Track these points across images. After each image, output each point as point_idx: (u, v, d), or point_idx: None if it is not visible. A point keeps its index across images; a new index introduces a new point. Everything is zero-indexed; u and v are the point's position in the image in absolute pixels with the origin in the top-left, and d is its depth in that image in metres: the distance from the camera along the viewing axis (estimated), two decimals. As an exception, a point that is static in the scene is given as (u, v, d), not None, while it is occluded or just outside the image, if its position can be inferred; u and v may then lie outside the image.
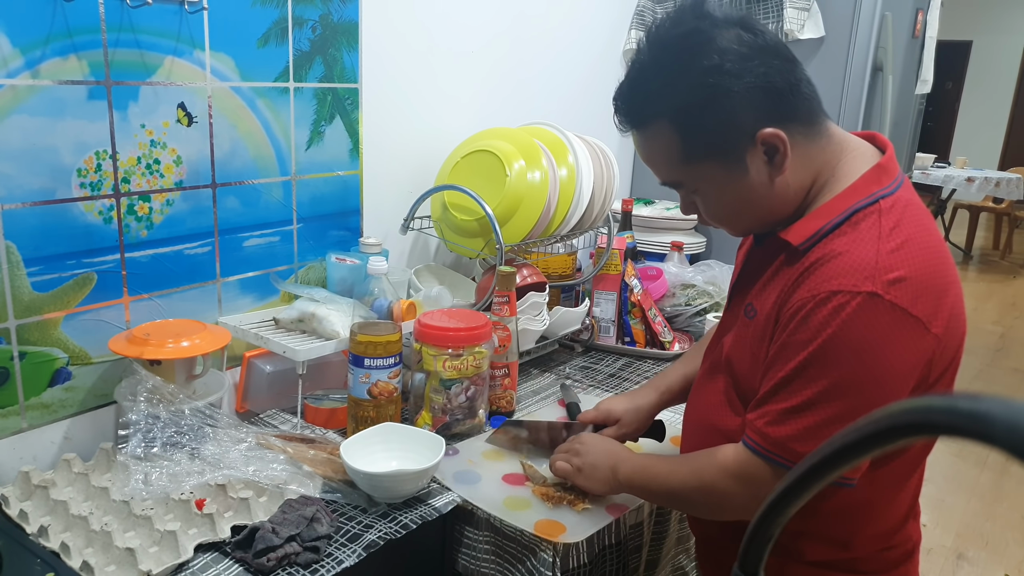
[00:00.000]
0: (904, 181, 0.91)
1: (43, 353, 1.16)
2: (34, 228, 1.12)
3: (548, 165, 1.59)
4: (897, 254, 0.83)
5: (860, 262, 0.83)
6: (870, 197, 0.88)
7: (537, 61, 2.02)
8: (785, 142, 0.88)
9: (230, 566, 0.95)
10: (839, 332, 0.82)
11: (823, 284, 0.84)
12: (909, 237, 0.85)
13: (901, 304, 0.81)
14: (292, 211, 1.47)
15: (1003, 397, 0.35)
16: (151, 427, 1.09)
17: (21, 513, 1.03)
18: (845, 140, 0.94)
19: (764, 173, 0.90)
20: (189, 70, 1.26)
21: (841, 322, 0.81)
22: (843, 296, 0.81)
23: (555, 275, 1.89)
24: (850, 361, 0.82)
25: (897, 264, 0.82)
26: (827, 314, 0.82)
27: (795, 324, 0.86)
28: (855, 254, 0.84)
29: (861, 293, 0.81)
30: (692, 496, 1.00)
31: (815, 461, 0.45)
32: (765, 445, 0.89)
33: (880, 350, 0.81)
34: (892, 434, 0.40)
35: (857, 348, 0.82)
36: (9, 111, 1.07)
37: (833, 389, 0.83)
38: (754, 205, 0.93)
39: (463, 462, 1.23)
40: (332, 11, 1.46)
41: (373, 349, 1.23)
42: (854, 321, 0.81)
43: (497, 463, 1.24)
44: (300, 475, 1.11)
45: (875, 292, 0.81)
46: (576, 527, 1.08)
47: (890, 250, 0.83)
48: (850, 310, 0.81)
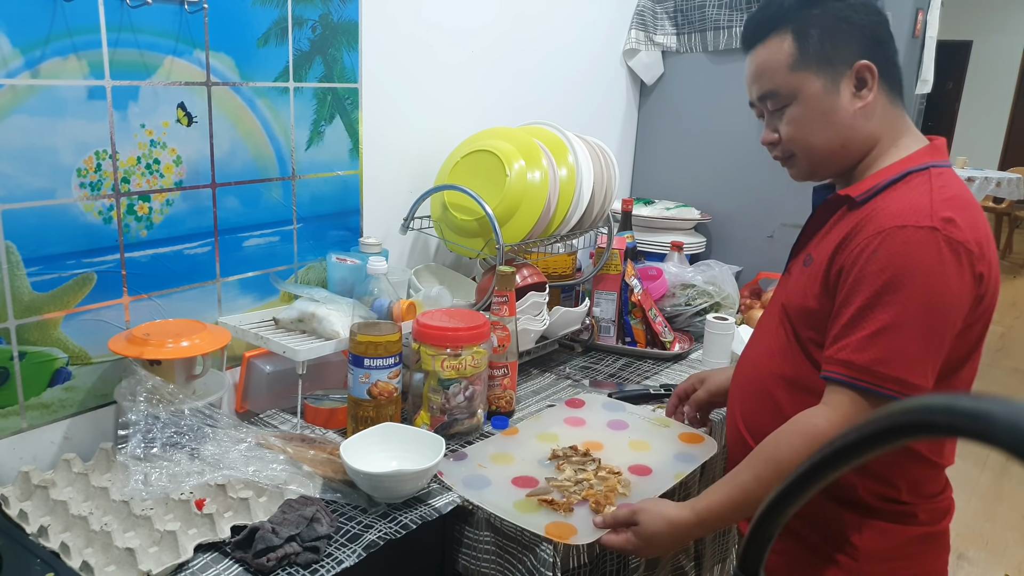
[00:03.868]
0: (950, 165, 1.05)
1: (43, 353, 1.16)
2: (34, 228, 1.12)
3: (548, 165, 1.59)
4: (948, 202, 0.95)
5: (917, 205, 0.95)
6: (923, 164, 1.02)
7: (537, 61, 2.02)
8: (875, 75, 1.03)
9: (230, 566, 0.95)
10: (910, 260, 0.92)
11: (889, 221, 0.95)
12: (957, 194, 0.98)
13: (957, 237, 0.93)
14: (292, 211, 1.47)
15: (1003, 397, 0.35)
16: (151, 427, 1.09)
17: (21, 513, 1.03)
18: (911, 125, 1.09)
19: (850, 101, 1.04)
20: (189, 70, 1.26)
21: (905, 253, 0.93)
22: (909, 231, 0.93)
23: (555, 275, 1.89)
24: (921, 285, 0.92)
25: (948, 209, 0.94)
26: (893, 245, 0.93)
27: (865, 258, 0.96)
28: (911, 199, 0.97)
29: (924, 227, 0.93)
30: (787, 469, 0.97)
31: (816, 461, 0.45)
32: (851, 373, 0.95)
33: (943, 275, 0.92)
34: (892, 434, 0.40)
35: (926, 272, 0.92)
36: (9, 111, 1.07)
37: (907, 311, 0.93)
38: (834, 129, 1.05)
39: (472, 467, 1.22)
40: (332, 11, 1.46)
41: (373, 349, 1.23)
42: (922, 249, 0.92)
43: (506, 466, 1.23)
44: (300, 475, 1.11)
45: (935, 227, 0.93)
46: (587, 529, 1.07)
47: (942, 199, 0.95)
48: (915, 240, 0.93)
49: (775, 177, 2.21)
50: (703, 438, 1.35)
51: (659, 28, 2.32)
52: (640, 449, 1.31)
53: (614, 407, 1.47)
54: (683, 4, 2.26)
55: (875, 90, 1.04)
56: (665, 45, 2.32)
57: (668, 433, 1.37)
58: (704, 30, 2.25)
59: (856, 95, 1.05)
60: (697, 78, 2.33)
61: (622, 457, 1.28)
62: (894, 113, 1.07)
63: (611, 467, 1.23)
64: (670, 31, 2.31)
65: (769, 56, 1.07)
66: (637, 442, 1.33)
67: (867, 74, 1.04)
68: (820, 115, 1.06)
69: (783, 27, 1.06)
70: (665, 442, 1.34)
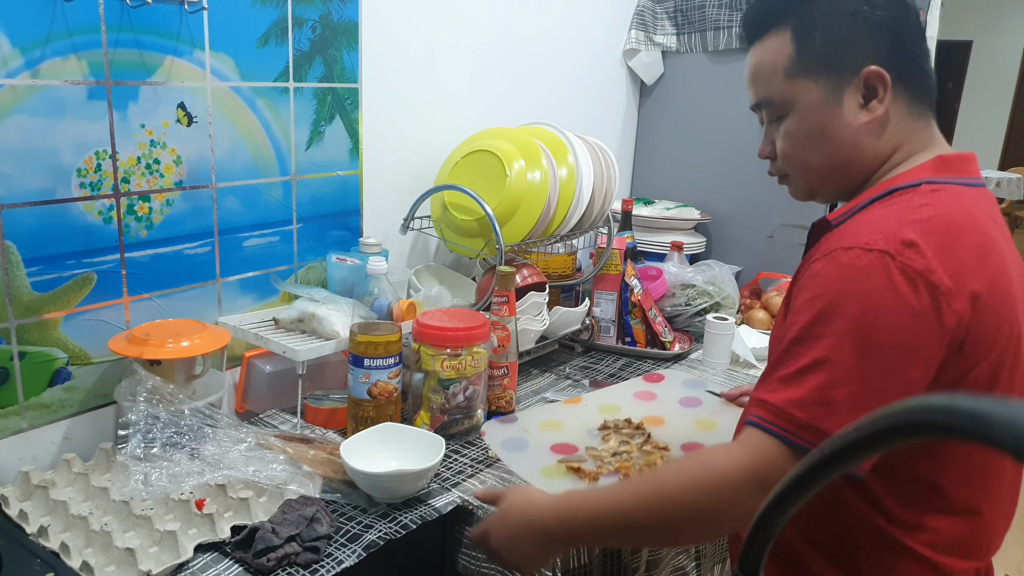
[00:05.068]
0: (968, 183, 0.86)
1: (43, 353, 1.16)
2: (34, 228, 1.12)
3: (548, 165, 1.59)
4: (921, 224, 0.79)
5: (879, 224, 0.80)
6: (915, 180, 0.85)
7: (537, 60, 2.02)
8: (887, 85, 0.86)
9: (230, 566, 0.95)
10: (848, 286, 0.77)
11: (836, 242, 0.81)
12: (941, 215, 0.80)
13: (915, 266, 0.75)
14: (292, 211, 1.47)
15: (1003, 397, 0.35)
16: (151, 427, 1.09)
17: (21, 513, 1.03)
18: (939, 141, 0.91)
19: (855, 114, 0.88)
20: (189, 70, 1.26)
21: (853, 275, 0.77)
22: (856, 252, 0.78)
23: (555, 275, 1.89)
24: (857, 316, 0.76)
25: (917, 231, 0.78)
26: (839, 269, 0.78)
27: (805, 283, 0.82)
28: (875, 218, 0.82)
29: (873, 251, 0.77)
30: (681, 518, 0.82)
31: (817, 460, 0.45)
32: (761, 413, 0.79)
33: (888, 307, 0.75)
34: (892, 434, 0.40)
35: (866, 302, 0.76)
36: (9, 111, 1.07)
37: (838, 347, 0.76)
38: (833, 147, 0.90)
39: (518, 430, 1.23)
40: (332, 11, 1.46)
41: (373, 349, 1.23)
42: (866, 275, 0.76)
43: (552, 432, 1.22)
44: (300, 475, 1.11)
45: (887, 251, 0.76)
46: None
47: (914, 219, 0.79)
48: (860, 265, 0.77)
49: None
50: None
51: (659, 28, 2.32)
52: (706, 428, 1.27)
53: (694, 385, 1.41)
54: (683, 4, 2.26)
55: (887, 101, 0.87)
56: (665, 45, 2.32)
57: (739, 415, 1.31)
58: (704, 30, 2.25)
59: (864, 107, 0.88)
60: (697, 78, 2.33)
61: (681, 434, 1.22)
62: (915, 126, 0.89)
63: (659, 442, 1.20)
64: (670, 31, 2.31)
65: (765, 57, 0.92)
66: (705, 420, 1.29)
67: (878, 82, 0.86)
68: (818, 130, 0.90)
69: (783, 23, 0.90)
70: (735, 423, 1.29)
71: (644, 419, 1.29)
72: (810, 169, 0.94)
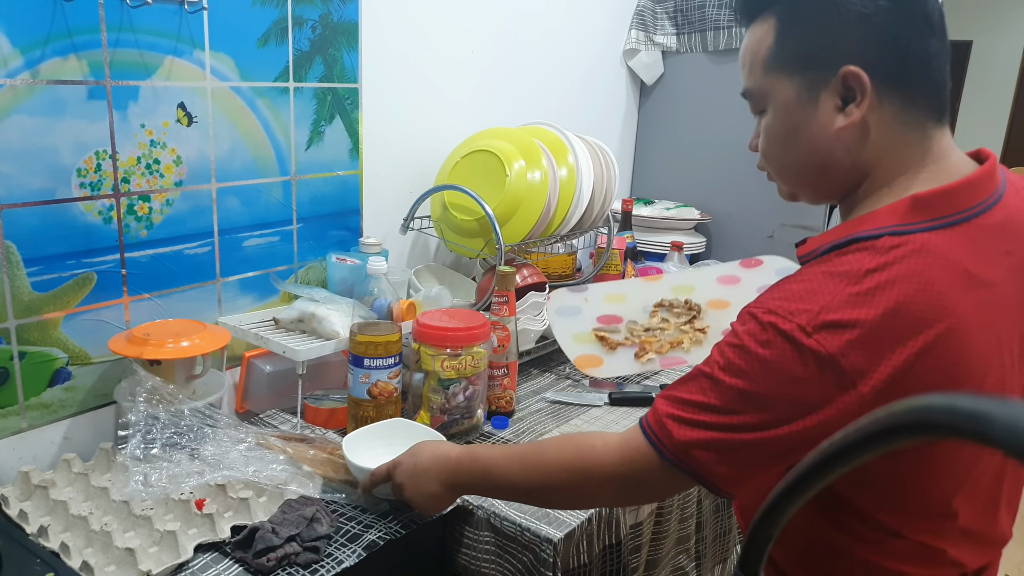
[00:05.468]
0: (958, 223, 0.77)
1: (43, 353, 1.16)
2: (34, 228, 1.12)
3: (548, 165, 1.59)
4: (856, 298, 0.72)
5: (809, 293, 0.75)
6: (876, 231, 0.76)
7: (537, 61, 2.02)
8: (867, 90, 0.78)
9: (230, 566, 0.95)
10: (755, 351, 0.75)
11: (766, 302, 0.77)
12: (885, 282, 0.72)
13: (828, 348, 0.71)
14: (292, 211, 1.47)
15: (1003, 397, 0.35)
16: (151, 427, 1.09)
17: (21, 513, 1.03)
18: (941, 156, 0.81)
19: (830, 118, 0.80)
20: (189, 70, 1.26)
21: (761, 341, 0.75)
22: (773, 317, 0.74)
23: (555, 275, 1.89)
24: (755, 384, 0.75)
25: (847, 307, 0.72)
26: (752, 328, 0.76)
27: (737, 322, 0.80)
28: (812, 284, 0.75)
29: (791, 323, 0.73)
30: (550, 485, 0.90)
31: (816, 460, 0.45)
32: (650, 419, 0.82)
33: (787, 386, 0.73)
34: (892, 434, 0.40)
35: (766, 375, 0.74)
36: (9, 111, 1.07)
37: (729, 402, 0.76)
38: (806, 150, 0.83)
39: (579, 299, 1.29)
40: (332, 11, 1.46)
41: (373, 349, 1.23)
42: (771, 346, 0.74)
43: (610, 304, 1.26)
44: (300, 475, 1.11)
45: (804, 327, 0.72)
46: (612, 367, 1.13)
47: (850, 293, 0.72)
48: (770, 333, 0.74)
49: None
50: None
51: (659, 28, 2.32)
52: None
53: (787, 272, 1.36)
54: (683, 4, 2.26)
55: (865, 106, 0.78)
56: (665, 45, 2.33)
57: None
58: (704, 30, 2.25)
59: (840, 111, 0.80)
60: (697, 78, 2.33)
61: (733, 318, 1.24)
62: (906, 138, 0.80)
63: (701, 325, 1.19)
64: (670, 31, 2.31)
65: (749, 44, 0.86)
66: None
67: (855, 84, 0.78)
68: (792, 131, 0.83)
69: (770, 10, 0.83)
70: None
71: (710, 302, 1.26)
72: (786, 169, 0.88)
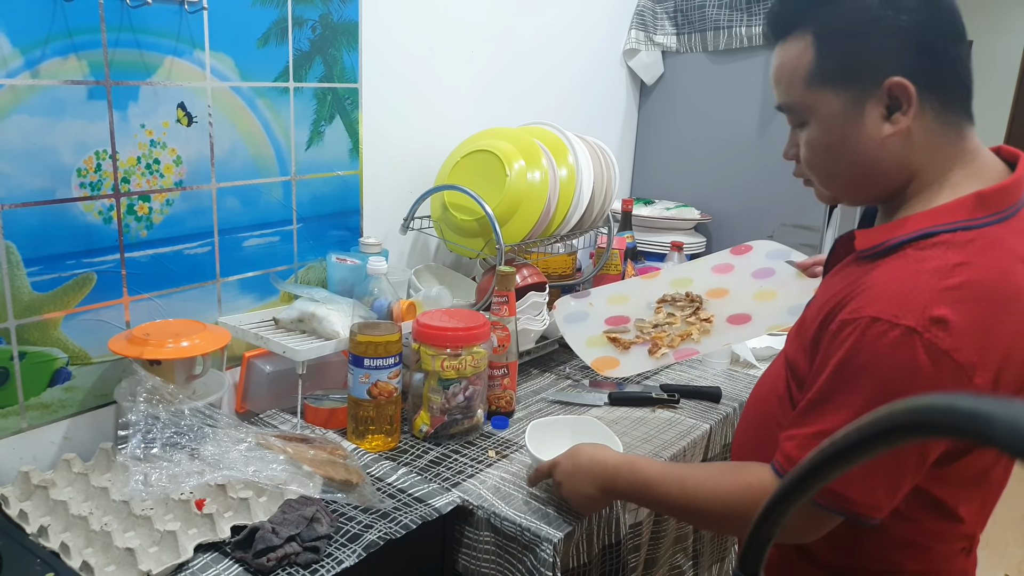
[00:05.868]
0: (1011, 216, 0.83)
1: (43, 353, 1.16)
2: (34, 228, 1.12)
3: (548, 165, 1.59)
4: (951, 292, 0.77)
5: (908, 292, 0.79)
6: (949, 225, 0.82)
7: (537, 61, 2.02)
8: (912, 98, 0.82)
9: (230, 566, 0.95)
10: (869, 362, 0.79)
11: (865, 308, 0.80)
12: (973, 278, 0.78)
13: (941, 346, 0.76)
14: (292, 211, 1.47)
15: (1003, 397, 0.35)
16: (151, 427, 1.08)
17: (21, 513, 1.03)
18: (975, 153, 0.87)
19: (877, 127, 0.85)
20: (189, 70, 1.26)
21: (873, 352, 0.79)
22: (882, 325, 0.78)
23: (555, 275, 1.89)
24: (876, 393, 0.78)
25: (946, 302, 0.77)
26: (860, 340, 0.80)
27: (834, 344, 0.83)
28: (906, 282, 0.80)
29: (900, 326, 0.77)
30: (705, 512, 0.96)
31: (816, 461, 0.45)
32: (781, 460, 0.87)
33: (908, 387, 0.77)
34: (892, 434, 0.40)
35: (885, 380, 0.78)
36: (9, 111, 1.07)
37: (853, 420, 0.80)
38: (853, 159, 0.87)
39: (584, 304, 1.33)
40: (332, 11, 1.46)
41: (373, 349, 1.23)
42: (887, 353, 0.78)
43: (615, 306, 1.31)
44: (300, 475, 1.11)
45: (914, 328, 0.76)
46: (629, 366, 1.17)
47: (944, 288, 0.77)
48: (885, 342, 0.78)
49: (775, 177, 2.22)
50: None
51: (659, 28, 2.32)
52: (763, 298, 1.26)
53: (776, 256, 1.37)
54: (683, 4, 2.26)
55: (912, 114, 0.83)
56: (665, 45, 2.33)
57: (807, 285, 1.27)
58: (704, 30, 2.25)
59: (887, 119, 0.84)
60: (697, 78, 2.33)
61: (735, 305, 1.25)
62: (944, 140, 0.85)
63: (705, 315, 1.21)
64: (670, 31, 2.31)
65: (786, 61, 0.89)
66: (765, 291, 1.28)
67: (901, 94, 0.82)
68: (838, 141, 0.87)
69: (805, 26, 0.86)
70: (795, 293, 1.26)
71: (709, 291, 1.30)
72: (832, 178, 0.92)
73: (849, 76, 0.84)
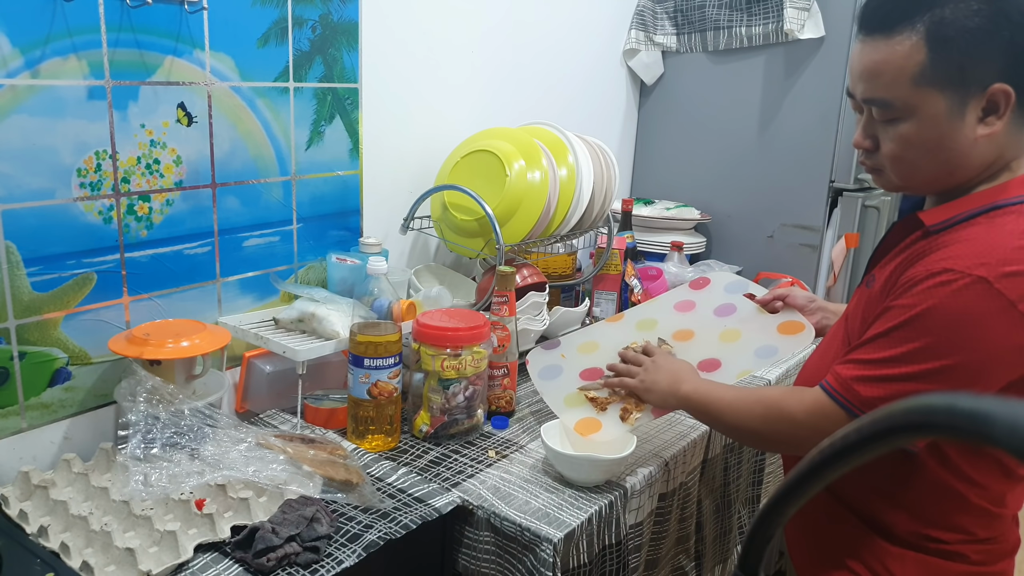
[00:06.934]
0: None
1: (43, 353, 1.16)
2: (34, 228, 1.12)
3: (548, 165, 1.59)
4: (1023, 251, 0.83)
5: (982, 249, 0.84)
6: (1015, 199, 0.89)
7: (537, 61, 2.02)
8: (1011, 102, 0.87)
9: (230, 566, 0.95)
10: (939, 304, 0.84)
11: (939, 261, 0.86)
12: None
13: (1009, 295, 0.82)
14: (292, 211, 1.47)
15: (1003, 397, 0.35)
16: (151, 427, 1.08)
17: (21, 513, 1.03)
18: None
19: (972, 128, 0.89)
20: (189, 70, 1.26)
21: (944, 295, 0.84)
22: (953, 274, 0.84)
23: (555, 275, 1.89)
24: (942, 334, 0.84)
25: (1019, 259, 0.83)
26: (932, 285, 0.85)
27: (901, 290, 0.88)
28: (980, 241, 0.86)
29: (971, 275, 0.83)
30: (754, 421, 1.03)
31: (816, 460, 0.45)
32: (834, 384, 0.92)
33: (975, 332, 0.83)
34: (892, 434, 0.40)
35: (953, 324, 0.84)
36: (9, 111, 1.07)
37: (917, 353, 0.85)
38: (946, 157, 0.91)
39: (556, 356, 1.34)
40: (332, 11, 1.46)
41: (373, 349, 1.23)
42: (956, 298, 0.83)
43: (586, 356, 1.31)
44: (300, 475, 1.11)
45: (985, 278, 0.82)
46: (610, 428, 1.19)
47: (1018, 246, 0.84)
48: (955, 287, 0.83)
49: (775, 177, 2.22)
50: (803, 327, 1.28)
51: (659, 28, 2.32)
52: (728, 340, 1.29)
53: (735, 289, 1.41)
54: (683, 4, 2.26)
55: (1007, 117, 0.88)
56: (665, 45, 2.32)
57: (768, 322, 1.31)
58: (704, 30, 2.25)
59: (982, 121, 0.88)
60: (697, 78, 2.33)
61: (702, 350, 1.28)
62: (1020, 135, 0.91)
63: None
64: (670, 31, 2.31)
65: (890, 58, 0.89)
66: (730, 331, 1.30)
67: (1002, 99, 0.87)
68: (935, 140, 0.90)
69: (915, 25, 0.87)
70: (759, 332, 1.29)
71: (675, 333, 1.33)
72: (917, 171, 0.94)
73: (958, 80, 0.87)
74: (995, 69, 0.86)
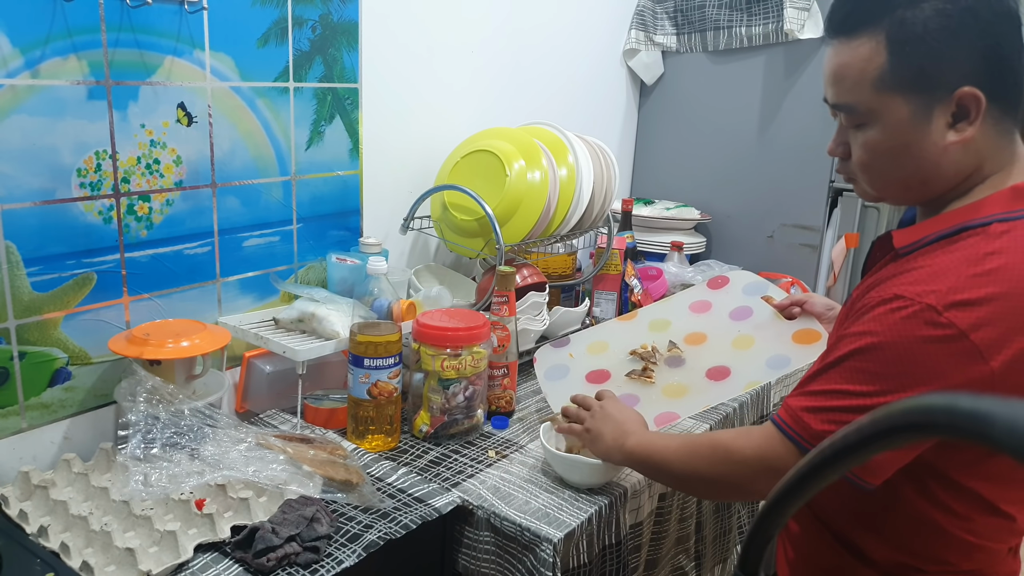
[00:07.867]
0: None
1: (43, 353, 1.16)
2: (34, 228, 1.12)
3: (548, 165, 1.59)
4: (978, 279, 0.79)
5: (935, 274, 0.81)
6: (986, 218, 0.84)
7: (537, 60, 2.02)
8: (981, 109, 0.82)
9: (230, 566, 0.95)
10: (887, 332, 0.81)
11: (892, 287, 0.83)
12: (1003, 265, 0.80)
13: (959, 325, 0.78)
14: (292, 211, 1.47)
15: (1003, 397, 0.35)
16: (151, 427, 1.08)
17: (21, 513, 1.03)
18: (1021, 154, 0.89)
19: (941, 134, 0.84)
20: (189, 70, 1.26)
21: (891, 323, 0.81)
22: (903, 301, 0.81)
23: (555, 275, 1.89)
24: (892, 365, 0.81)
25: (973, 287, 0.79)
26: (882, 313, 0.82)
27: (856, 316, 0.86)
28: (936, 267, 0.82)
29: (920, 303, 0.79)
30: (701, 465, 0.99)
31: (816, 460, 0.45)
32: (784, 417, 0.89)
33: (924, 363, 0.79)
34: (892, 434, 0.40)
35: (901, 355, 0.80)
36: (9, 111, 1.07)
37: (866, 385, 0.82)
38: (914, 165, 0.87)
39: (563, 355, 1.32)
40: (332, 11, 1.46)
41: (373, 349, 1.23)
42: (903, 327, 0.80)
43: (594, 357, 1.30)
44: (300, 475, 1.11)
45: (933, 306, 0.78)
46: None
47: (973, 274, 0.80)
48: (902, 315, 0.80)
49: (775, 177, 2.22)
50: (819, 336, 1.25)
51: (659, 28, 2.32)
52: (741, 347, 1.25)
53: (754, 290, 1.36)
54: (683, 4, 2.26)
55: (979, 123, 0.83)
56: (665, 45, 2.32)
57: (784, 330, 1.27)
58: (704, 30, 2.25)
59: (953, 128, 0.84)
60: (697, 78, 2.33)
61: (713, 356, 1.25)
62: (1000, 143, 0.86)
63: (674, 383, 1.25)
64: (670, 31, 2.31)
65: (852, 61, 0.87)
66: (744, 338, 1.26)
67: (971, 104, 0.82)
68: (902, 147, 0.86)
69: (877, 27, 0.84)
70: (773, 341, 1.25)
71: (688, 336, 1.29)
72: (887, 181, 0.91)
73: (922, 83, 0.83)
74: (962, 72, 0.82)
